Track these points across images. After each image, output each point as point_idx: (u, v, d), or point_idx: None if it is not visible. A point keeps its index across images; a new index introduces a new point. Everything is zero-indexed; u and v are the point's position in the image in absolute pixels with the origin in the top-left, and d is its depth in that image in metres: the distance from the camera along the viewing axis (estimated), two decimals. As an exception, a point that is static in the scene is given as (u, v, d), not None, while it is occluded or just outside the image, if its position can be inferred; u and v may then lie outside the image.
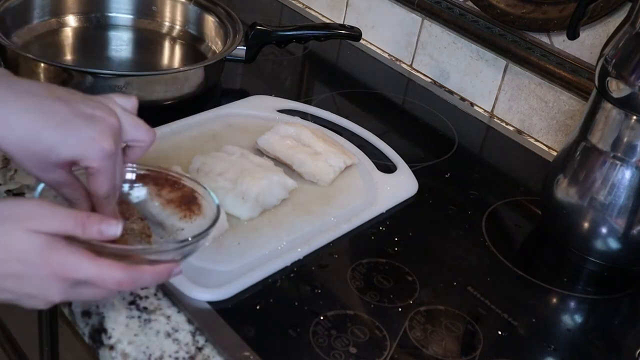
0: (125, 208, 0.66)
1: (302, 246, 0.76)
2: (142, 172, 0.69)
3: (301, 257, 0.75)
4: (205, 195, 0.68)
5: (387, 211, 0.85)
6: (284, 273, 0.73)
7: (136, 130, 0.63)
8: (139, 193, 0.70)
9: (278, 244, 0.75)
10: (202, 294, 0.68)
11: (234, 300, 0.69)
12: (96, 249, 0.56)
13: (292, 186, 0.81)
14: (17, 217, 0.54)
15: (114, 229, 0.56)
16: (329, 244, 0.78)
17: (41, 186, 0.61)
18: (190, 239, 0.62)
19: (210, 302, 0.67)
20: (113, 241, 0.57)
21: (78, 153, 0.57)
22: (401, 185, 0.89)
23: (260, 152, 0.89)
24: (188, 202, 0.69)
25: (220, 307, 0.67)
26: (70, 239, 0.55)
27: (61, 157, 0.58)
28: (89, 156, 0.58)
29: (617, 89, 0.76)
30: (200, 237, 0.62)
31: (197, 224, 0.67)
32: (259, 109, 0.99)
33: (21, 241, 0.54)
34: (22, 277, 0.55)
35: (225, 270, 0.71)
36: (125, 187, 0.68)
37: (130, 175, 0.69)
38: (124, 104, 0.64)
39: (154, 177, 0.70)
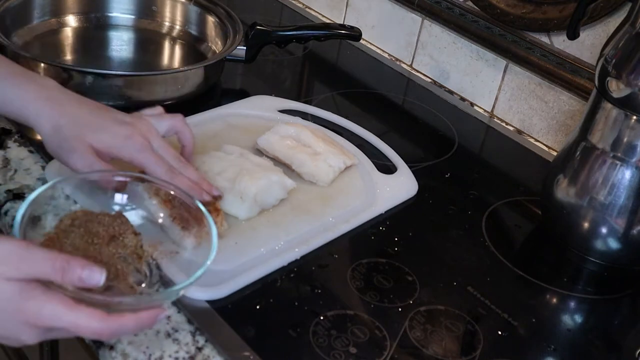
0: (119, 221, 0.64)
1: (300, 246, 0.76)
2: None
3: (298, 257, 0.75)
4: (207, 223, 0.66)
5: (386, 212, 0.85)
6: (284, 273, 0.73)
7: (160, 122, 0.74)
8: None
9: (276, 244, 0.75)
10: (199, 293, 0.68)
11: (233, 299, 0.69)
12: (75, 295, 0.54)
13: (291, 186, 0.81)
14: None
15: (97, 277, 0.54)
16: (328, 244, 0.78)
17: (18, 219, 0.59)
18: (178, 285, 0.60)
19: (209, 302, 0.67)
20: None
21: (113, 145, 0.69)
22: (401, 186, 0.89)
23: (260, 152, 0.89)
24: (192, 219, 0.69)
25: (220, 307, 0.67)
26: (49, 283, 0.53)
27: (105, 141, 0.69)
28: (122, 149, 0.69)
29: (617, 89, 0.76)
30: (188, 284, 0.59)
31: (193, 239, 0.68)
32: (259, 109, 0.99)
33: None
34: None
35: (222, 269, 0.71)
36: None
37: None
38: (150, 112, 0.76)
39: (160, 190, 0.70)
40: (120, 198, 0.70)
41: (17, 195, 0.77)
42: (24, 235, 0.59)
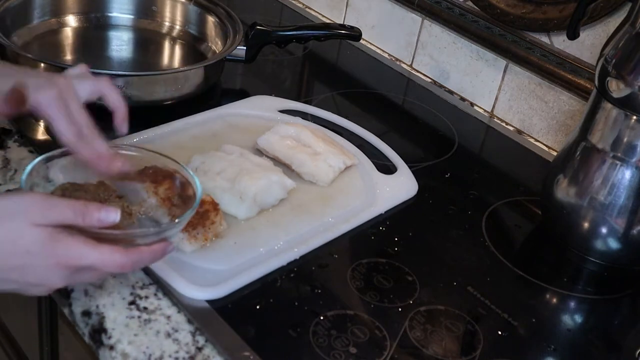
0: (102, 188, 0.68)
1: (299, 246, 0.76)
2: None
3: (298, 257, 0.75)
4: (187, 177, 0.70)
5: (386, 212, 0.85)
6: (284, 273, 0.73)
7: (82, 83, 0.71)
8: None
9: (275, 244, 0.75)
10: (199, 293, 0.68)
11: (233, 299, 0.69)
12: (96, 235, 0.59)
13: (291, 186, 0.81)
14: (22, 212, 0.57)
15: (113, 215, 0.59)
16: (327, 244, 0.78)
17: (25, 175, 0.64)
18: (179, 218, 0.64)
19: (209, 302, 0.67)
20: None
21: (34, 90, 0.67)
22: (401, 186, 0.89)
23: (260, 152, 0.89)
24: (194, 219, 0.71)
25: (220, 307, 0.67)
26: (71, 228, 0.58)
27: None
28: (33, 96, 0.66)
29: (617, 89, 0.76)
30: (188, 215, 0.64)
31: (199, 243, 0.72)
32: (259, 109, 0.99)
33: (27, 235, 0.56)
34: (27, 267, 0.57)
35: (221, 269, 0.71)
36: None
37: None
38: (74, 72, 0.73)
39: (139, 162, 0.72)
40: None
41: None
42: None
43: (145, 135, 0.88)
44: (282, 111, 1.00)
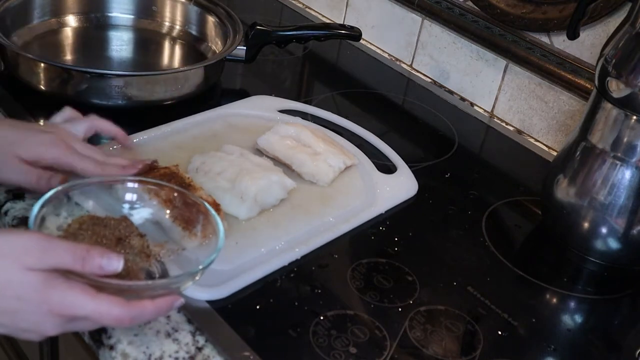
0: (124, 224, 0.66)
1: (300, 246, 0.76)
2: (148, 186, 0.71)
3: (299, 257, 0.75)
4: (210, 218, 0.68)
5: (386, 212, 0.85)
6: (284, 273, 0.73)
7: (76, 126, 0.75)
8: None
9: (276, 244, 0.75)
10: (200, 293, 0.68)
11: (233, 299, 0.69)
12: (96, 283, 0.56)
13: (291, 186, 0.81)
14: (15, 254, 0.54)
15: (115, 264, 0.56)
16: (328, 244, 0.77)
17: (34, 214, 0.61)
18: (198, 268, 0.61)
19: (209, 302, 0.67)
20: None
21: (41, 152, 0.70)
22: (401, 186, 0.89)
23: (260, 152, 0.89)
24: (193, 218, 0.70)
25: (220, 307, 0.67)
26: (69, 272, 0.55)
27: (31, 149, 0.69)
28: (50, 155, 0.70)
29: (617, 89, 0.76)
30: (204, 268, 0.61)
31: (195, 239, 0.69)
32: (259, 109, 0.99)
33: (18, 279, 0.53)
34: (18, 313, 0.55)
35: (223, 269, 0.71)
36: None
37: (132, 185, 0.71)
38: (61, 118, 0.77)
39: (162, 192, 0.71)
40: (130, 197, 0.71)
41: (17, 196, 0.77)
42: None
43: (145, 136, 0.88)
44: (282, 111, 1.00)
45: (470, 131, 1.09)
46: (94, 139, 0.79)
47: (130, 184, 0.71)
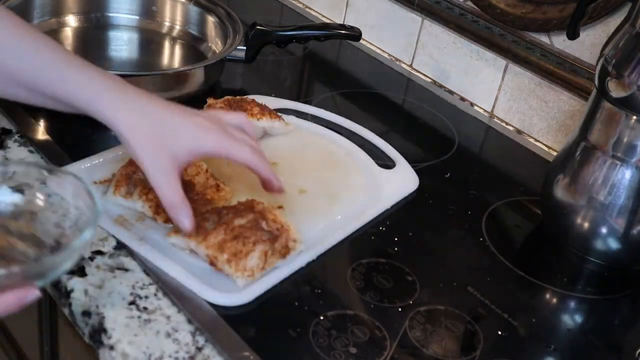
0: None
1: (316, 246, 0.76)
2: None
3: (315, 257, 0.75)
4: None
5: (392, 207, 0.85)
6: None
7: (226, 115, 0.75)
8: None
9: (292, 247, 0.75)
10: (221, 299, 0.67)
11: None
12: None
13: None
14: None
15: None
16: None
17: None
18: (44, 258, 0.58)
19: (209, 303, 0.67)
20: None
21: (197, 136, 0.68)
22: (402, 180, 0.90)
23: None
24: None
25: (220, 307, 0.67)
26: None
27: (185, 143, 0.68)
28: (207, 138, 0.68)
29: (617, 89, 0.76)
30: (66, 255, 0.57)
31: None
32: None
33: None
34: None
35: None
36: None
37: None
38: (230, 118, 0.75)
39: None
40: None
41: (17, 193, 0.77)
42: None
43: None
44: (277, 110, 1.00)
45: (470, 131, 1.09)
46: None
47: None
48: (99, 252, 0.71)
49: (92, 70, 0.69)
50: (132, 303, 0.67)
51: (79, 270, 0.69)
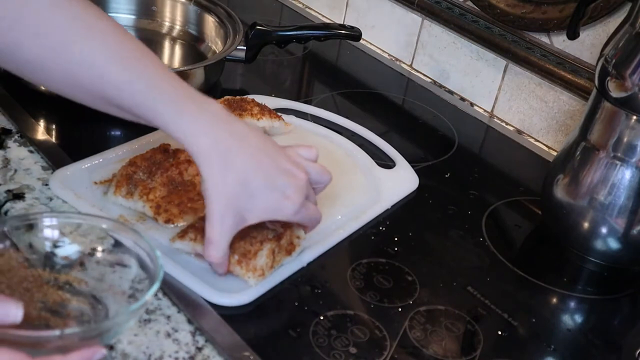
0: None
1: (316, 246, 0.76)
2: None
3: (317, 256, 0.75)
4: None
5: (392, 207, 0.85)
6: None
7: (321, 176, 0.70)
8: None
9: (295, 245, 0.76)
10: (221, 299, 0.67)
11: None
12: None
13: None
14: None
15: (13, 312, 0.49)
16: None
17: None
18: (112, 319, 0.56)
19: (210, 303, 0.67)
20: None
21: (273, 207, 0.65)
22: (402, 180, 0.90)
23: None
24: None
25: (220, 307, 0.67)
26: None
27: (256, 208, 0.64)
28: (282, 211, 0.65)
29: (617, 89, 0.76)
30: (128, 316, 0.56)
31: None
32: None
33: None
34: None
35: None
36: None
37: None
38: (308, 155, 0.71)
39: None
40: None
41: (17, 195, 0.77)
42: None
43: (151, 138, 0.87)
44: (276, 110, 1.00)
45: (470, 131, 1.09)
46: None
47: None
48: (97, 250, 0.71)
49: (188, 104, 0.64)
50: (132, 303, 0.67)
51: (79, 270, 0.69)
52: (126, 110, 0.64)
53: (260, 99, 1.02)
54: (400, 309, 0.71)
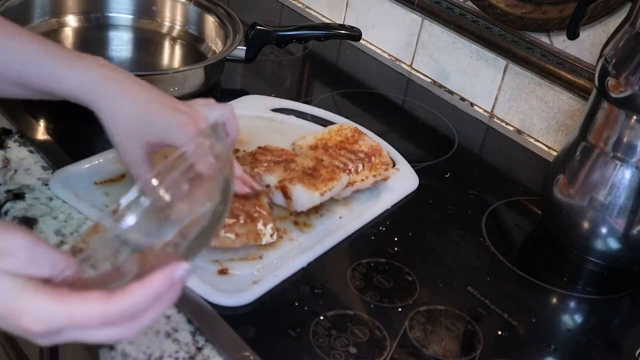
0: None
1: (316, 246, 0.76)
2: None
3: (317, 256, 0.75)
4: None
5: (392, 207, 0.85)
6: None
7: (211, 111, 0.72)
8: None
9: (295, 244, 0.76)
10: (222, 299, 0.67)
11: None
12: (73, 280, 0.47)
13: None
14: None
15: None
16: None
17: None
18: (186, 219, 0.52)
19: (210, 302, 0.67)
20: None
21: (166, 135, 0.68)
22: (402, 180, 0.90)
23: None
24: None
25: (220, 307, 0.67)
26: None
27: (159, 134, 0.68)
28: (174, 138, 0.68)
29: (617, 89, 0.76)
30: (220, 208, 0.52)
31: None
32: (251, 108, 0.99)
33: None
34: None
35: (246, 273, 0.71)
36: None
37: None
38: (203, 102, 0.75)
39: None
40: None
41: (17, 195, 0.77)
42: None
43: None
44: (275, 110, 1.00)
45: (470, 131, 1.09)
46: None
47: None
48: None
49: (75, 58, 0.69)
50: (132, 303, 0.67)
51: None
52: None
53: (253, 98, 1.02)
54: (400, 309, 0.71)
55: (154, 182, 0.54)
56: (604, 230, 0.81)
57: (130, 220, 0.50)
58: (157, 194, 0.53)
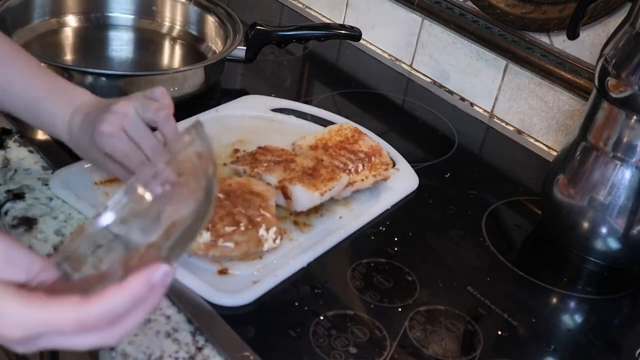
0: None
1: (316, 246, 0.76)
2: None
3: (317, 256, 0.75)
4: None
5: (392, 207, 0.85)
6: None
7: (147, 110, 0.69)
8: None
9: (294, 245, 0.76)
10: (222, 299, 0.67)
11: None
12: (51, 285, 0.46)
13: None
14: None
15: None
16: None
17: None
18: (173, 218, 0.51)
19: (210, 302, 0.67)
20: None
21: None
22: (402, 180, 0.90)
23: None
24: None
25: (220, 307, 0.67)
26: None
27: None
28: (96, 139, 0.69)
29: (617, 89, 0.76)
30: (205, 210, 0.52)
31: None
32: (251, 108, 0.99)
33: None
34: None
35: (245, 274, 0.71)
36: None
37: None
38: (150, 94, 0.72)
39: None
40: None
41: (17, 195, 0.77)
42: None
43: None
44: (275, 110, 1.00)
45: (470, 131, 1.09)
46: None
47: None
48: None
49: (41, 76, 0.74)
50: (132, 303, 0.67)
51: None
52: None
53: (252, 98, 1.02)
54: (400, 309, 0.71)
55: (132, 180, 0.54)
56: (604, 230, 0.81)
57: (107, 217, 0.50)
58: (136, 192, 0.53)
